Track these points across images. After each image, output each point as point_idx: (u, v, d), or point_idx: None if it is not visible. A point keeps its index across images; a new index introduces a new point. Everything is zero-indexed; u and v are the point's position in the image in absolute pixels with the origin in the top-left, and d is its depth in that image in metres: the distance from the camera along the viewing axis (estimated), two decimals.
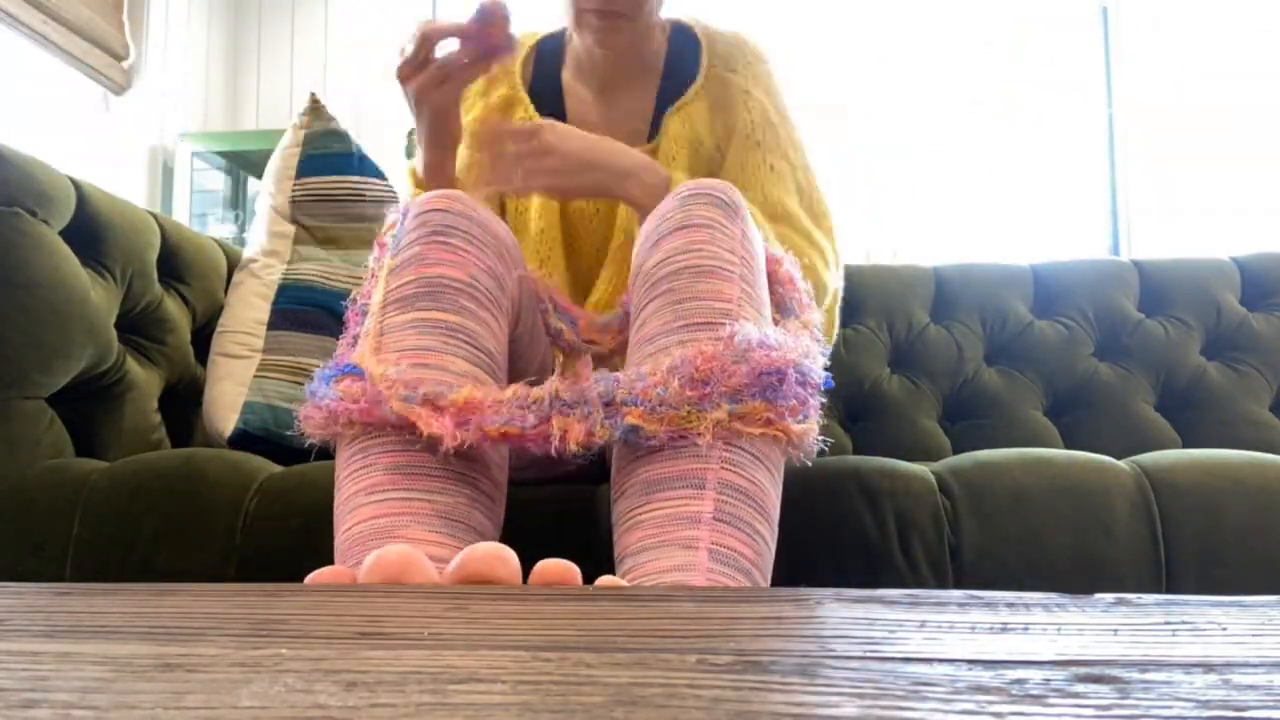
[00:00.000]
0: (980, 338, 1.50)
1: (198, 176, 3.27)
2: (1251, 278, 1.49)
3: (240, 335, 1.28)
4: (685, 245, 0.70)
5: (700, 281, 0.67)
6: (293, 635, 0.28)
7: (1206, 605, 0.30)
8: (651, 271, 0.71)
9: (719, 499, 0.60)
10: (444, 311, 0.68)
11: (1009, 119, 3.41)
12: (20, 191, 1.02)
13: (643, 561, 0.59)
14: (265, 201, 1.39)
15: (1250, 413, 1.41)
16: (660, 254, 0.71)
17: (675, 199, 0.73)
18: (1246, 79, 3.28)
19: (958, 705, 0.21)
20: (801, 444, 0.66)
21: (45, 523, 0.92)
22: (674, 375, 0.62)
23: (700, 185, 0.73)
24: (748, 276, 0.70)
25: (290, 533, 0.88)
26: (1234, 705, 0.21)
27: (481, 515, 0.65)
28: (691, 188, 0.73)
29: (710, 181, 0.74)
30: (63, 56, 2.84)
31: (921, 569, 0.85)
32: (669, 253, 0.70)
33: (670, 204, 0.73)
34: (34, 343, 1.00)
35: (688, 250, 0.69)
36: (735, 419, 0.62)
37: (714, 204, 0.72)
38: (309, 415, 0.68)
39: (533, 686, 0.22)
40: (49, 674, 0.24)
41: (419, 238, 0.71)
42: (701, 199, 0.72)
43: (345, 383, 0.66)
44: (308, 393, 0.69)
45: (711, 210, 0.71)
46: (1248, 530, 0.86)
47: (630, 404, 0.62)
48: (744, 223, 0.72)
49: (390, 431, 0.64)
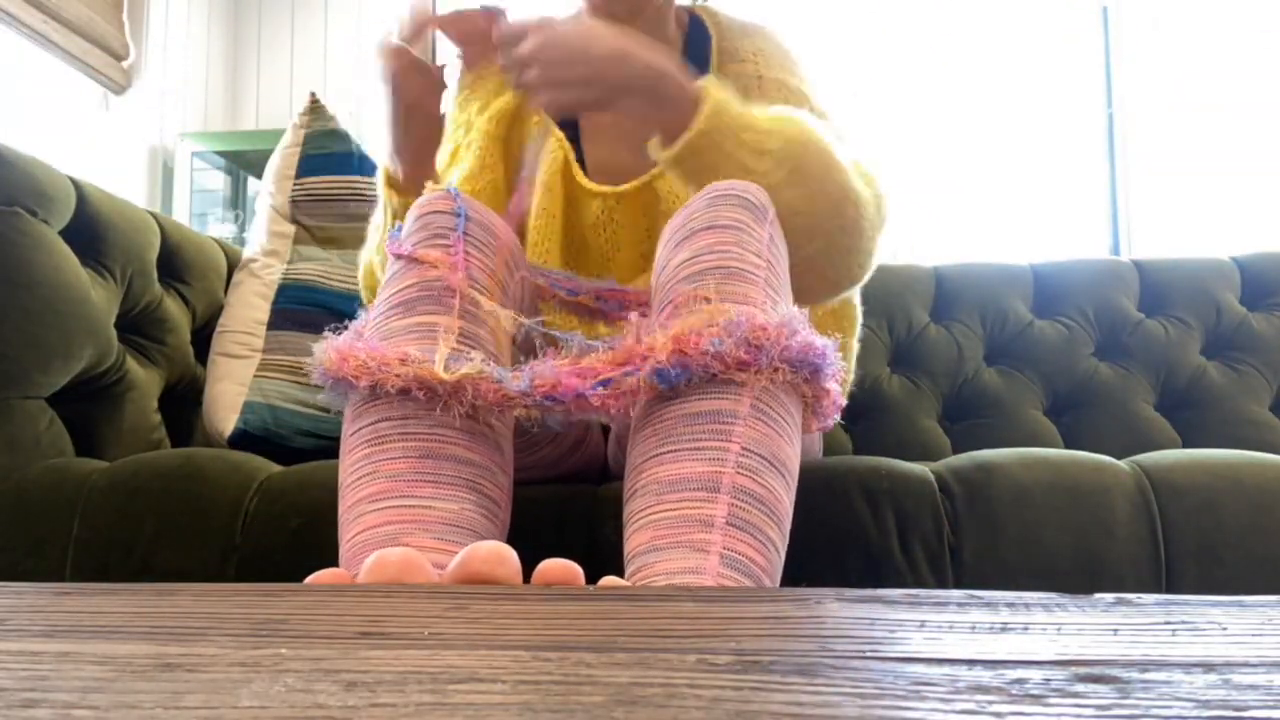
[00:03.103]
0: (980, 338, 1.50)
1: (198, 176, 3.27)
2: (1251, 278, 1.49)
3: (240, 335, 1.28)
4: (712, 246, 0.69)
5: (726, 284, 0.67)
6: (293, 635, 0.28)
7: (1206, 605, 0.30)
8: (676, 270, 0.70)
9: (733, 504, 0.60)
10: (446, 314, 0.67)
11: (1009, 119, 3.41)
12: (20, 191, 1.02)
13: (652, 562, 0.59)
14: (265, 201, 1.39)
15: (1250, 413, 1.41)
16: (686, 253, 0.70)
17: (703, 199, 0.72)
18: (1247, 79, 3.28)
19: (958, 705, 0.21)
20: (825, 420, 0.70)
21: (45, 523, 0.92)
22: (730, 332, 0.63)
23: (729, 186, 0.72)
24: (773, 281, 0.69)
25: (290, 533, 0.88)
26: (1234, 705, 0.21)
27: (487, 521, 0.64)
28: (720, 188, 0.72)
29: (738, 183, 0.73)
30: (63, 56, 2.84)
31: (921, 569, 0.84)
32: (695, 252, 0.69)
33: (698, 204, 0.72)
34: (34, 343, 1.00)
35: (714, 251, 0.69)
36: (776, 385, 0.64)
37: (742, 206, 0.71)
38: (322, 357, 0.68)
39: (533, 686, 0.22)
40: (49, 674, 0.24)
41: (421, 239, 0.71)
42: (730, 200, 0.71)
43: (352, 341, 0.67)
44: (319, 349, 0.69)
45: (739, 212, 0.71)
46: (1248, 530, 0.86)
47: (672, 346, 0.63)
48: (771, 226, 0.72)
49: (401, 390, 0.64)
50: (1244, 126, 3.27)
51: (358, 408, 0.67)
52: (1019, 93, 3.42)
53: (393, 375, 0.63)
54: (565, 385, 0.64)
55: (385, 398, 0.65)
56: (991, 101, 3.42)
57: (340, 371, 0.66)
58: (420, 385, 0.63)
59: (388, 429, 0.64)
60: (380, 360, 0.64)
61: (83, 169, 1.47)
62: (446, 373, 0.63)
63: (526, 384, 0.64)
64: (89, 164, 2.91)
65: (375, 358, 0.64)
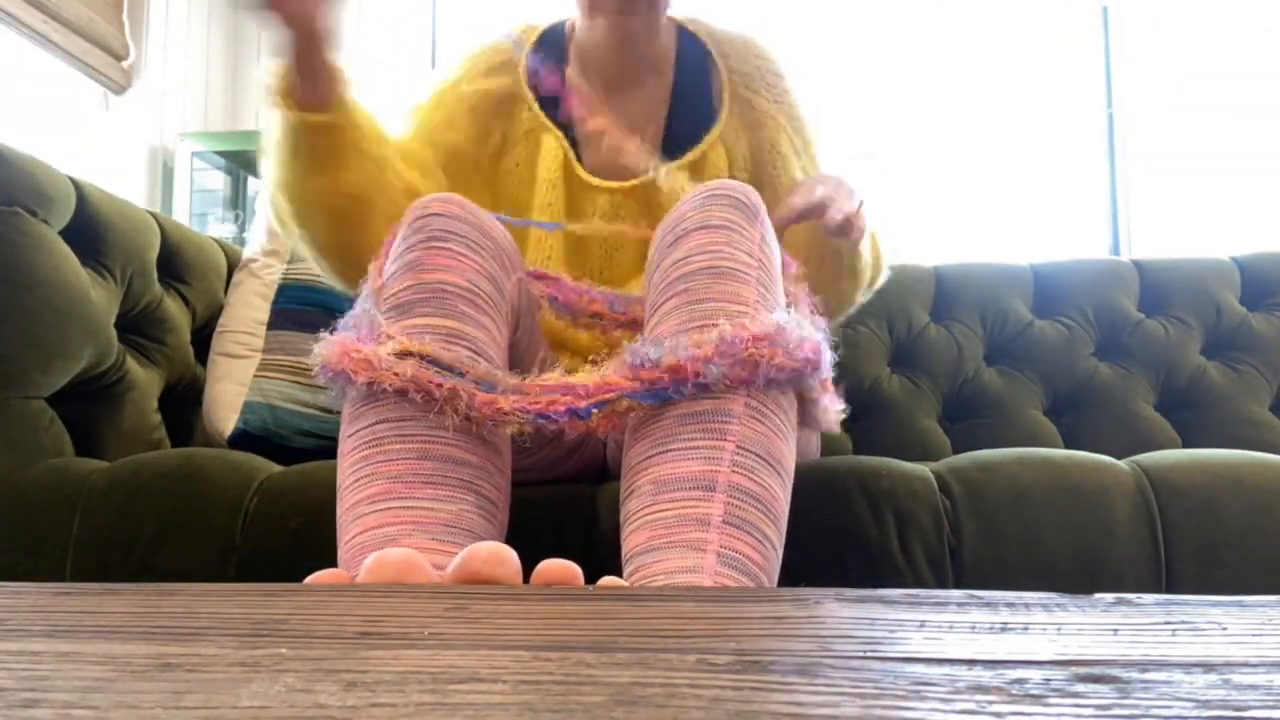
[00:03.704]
0: (980, 338, 1.50)
1: (198, 176, 3.27)
2: (1251, 278, 1.49)
3: (240, 335, 1.28)
4: (704, 246, 0.69)
5: (718, 283, 0.67)
6: (293, 635, 0.28)
7: (1206, 605, 0.30)
8: (669, 270, 0.70)
9: (729, 502, 0.60)
10: (443, 317, 0.67)
11: (1009, 119, 3.41)
12: (20, 191, 1.02)
13: (650, 562, 0.59)
14: (265, 201, 1.38)
15: (1250, 413, 1.41)
16: (679, 253, 0.70)
17: (695, 199, 0.73)
18: (1247, 79, 3.28)
19: (958, 705, 0.21)
20: (823, 423, 0.74)
21: (45, 523, 0.92)
22: (724, 352, 0.64)
23: (721, 186, 0.73)
24: (765, 280, 0.69)
25: (290, 533, 0.88)
26: (1234, 705, 0.21)
27: (485, 522, 0.64)
28: (712, 188, 0.73)
29: (731, 183, 0.73)
30: (63, 56, 2.84)
31: (921, 569, 0.84)
32: (687, 252, 0.70)
33: (690, 204, 0.73)
34: (34, 343, 1.00)
35: (706, 251, 0.69)
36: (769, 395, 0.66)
37: (734, 206, 0.71)
38: (324, 351, 0.68)
39: (533, 686, 0.22)
40: (49, 674, 0.24)
41: (416, 243, 0.71)
42: (722, 200, 0.72)
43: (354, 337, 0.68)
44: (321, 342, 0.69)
45: (731, 212, 0.71)
46: (1248, 530, 0.86)
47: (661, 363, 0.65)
48: (763, 226, 0.72)
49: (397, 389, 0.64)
50: (1244, 126, 3.26)
51: (356, 408, 0.67)
52: (1019, 93, 3.42)
53: (390, 374, 0.63)
54: (558, 405, 0.64)
55: (383, 400, 0.65)
56: (991, 101, 3.42)
57: (340, 365, 0.66)
58: (417, 388, 0.63)
59: (385, 431, 0.64)
60: (379, 358, 0.64)
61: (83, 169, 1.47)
62: (440, 369, 0.64)
63: (521, 401, 0.65)
64: (89, 164, 2.91)
65: (376, 355, 0.65)
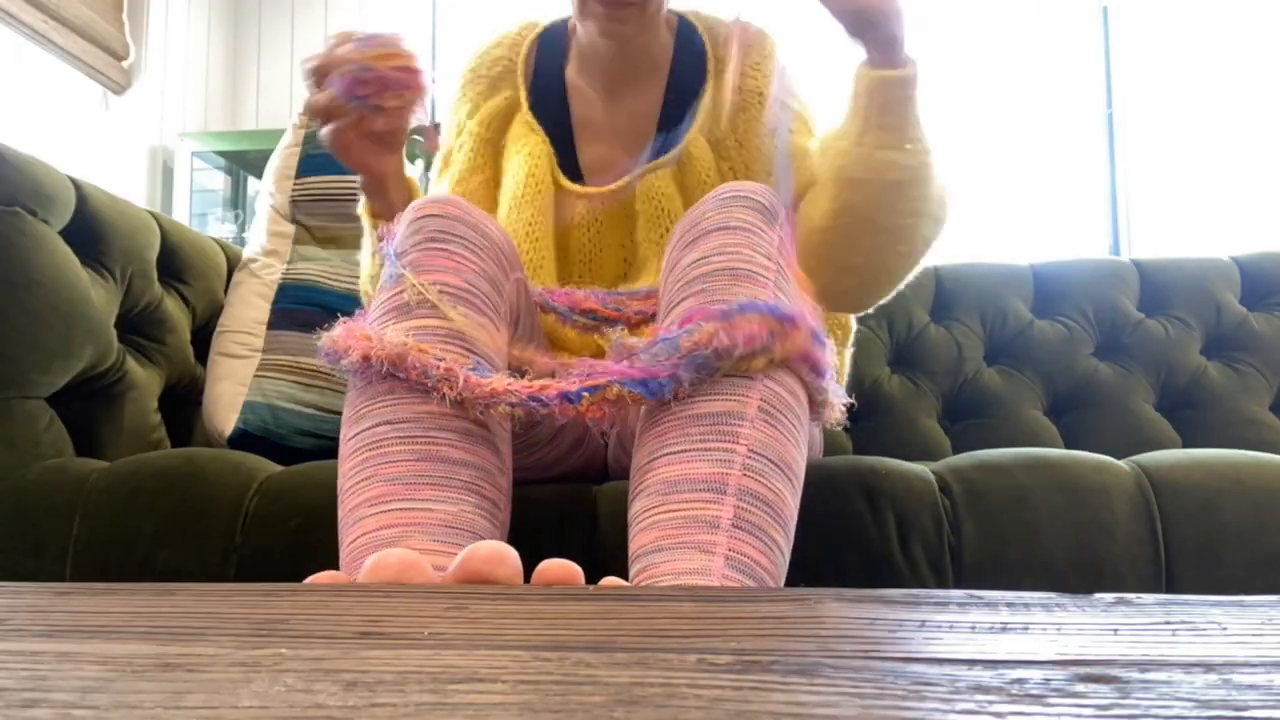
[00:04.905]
0: (980, 337, 1.50)
1: (198, 176, 3.27)
2: (1251, 278, 1.49)
3: (240, 335, 1.28)
4: (721, 247, 0.69)
5: (736, 284, 0.67)
6: (293, 635, 0.28)
7: (1206, 605, 0.30)
8: (686, 270, 0.70)
9: (739, 506, 0.60)
10: (442, 319, 0.68)
11: (1009, 119, 3.41)
12: (20, 191, 1.02)
13: (657, 562, 0.59)
14: (265, 201, 1.39)
15: (1250, 413, 1.41)
16: (696, 253, 0.70)
17: (715, 199, 0.73)
18: (1247, 78, 3.28)
19: (958, 705, 0.21)
20: (825, 414, 0.74)
21: (45, 523, 0.92)
22: (721, 347, 0.64)
23: (741, 188, 0.73)
24: (782, 284, 0.70)
25: (290, 533, 0.88)
26: (1234, 705, 0.21)
27: (486, 523, 0.64)
28: (732, 189, 0.73)
29: (751, 185, 0.74)
30: (62, 56, 2.84)
31: (921, 569, 0.84)
32: (706, 252, 0.70)
33: (710, 204, 0.73)
34: (34, 343, 1.00)
35: (724, 252, 0.69)
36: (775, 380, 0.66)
37: (753, 208, 0.72)
38: (330, 334, 0.69)
39: (533, 686, 0.22)
40: (49, 674, 0.24)
41: (415, 244, 0.71)
42: (742, 202, 0.72)
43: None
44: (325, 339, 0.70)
45: (750, 214, 0.71)
46: (1248, 530, 0.86)
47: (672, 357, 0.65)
48: (781, 229, 0.73)
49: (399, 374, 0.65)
50: (1244, 126, 3.26)
51: (355, 409, 0.67)
52: (1019, 92, 3.42)
53: (385, 346, 0.65)
54: (550, 389, 0.64)
55: (381, 398, 0.65)
56: (991, 101, 3.42)
57: (339, 344, 0.67)
58: (414, 364, 0.64)
59: (385, 432, 0.64)
60: (377, 335, 0.66)
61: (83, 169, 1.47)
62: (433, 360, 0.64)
63: (514, 384, 0.65)
64: (89, 164, 2.91)
65: (375, 334, 0.66)
